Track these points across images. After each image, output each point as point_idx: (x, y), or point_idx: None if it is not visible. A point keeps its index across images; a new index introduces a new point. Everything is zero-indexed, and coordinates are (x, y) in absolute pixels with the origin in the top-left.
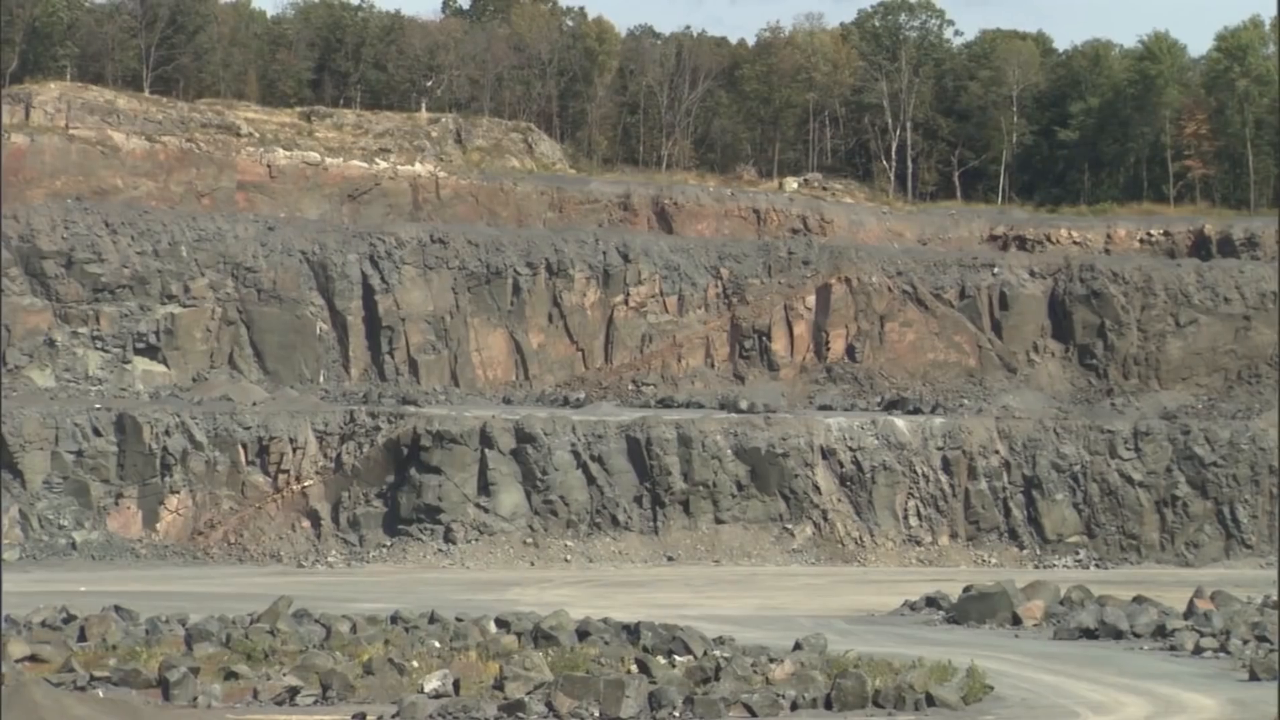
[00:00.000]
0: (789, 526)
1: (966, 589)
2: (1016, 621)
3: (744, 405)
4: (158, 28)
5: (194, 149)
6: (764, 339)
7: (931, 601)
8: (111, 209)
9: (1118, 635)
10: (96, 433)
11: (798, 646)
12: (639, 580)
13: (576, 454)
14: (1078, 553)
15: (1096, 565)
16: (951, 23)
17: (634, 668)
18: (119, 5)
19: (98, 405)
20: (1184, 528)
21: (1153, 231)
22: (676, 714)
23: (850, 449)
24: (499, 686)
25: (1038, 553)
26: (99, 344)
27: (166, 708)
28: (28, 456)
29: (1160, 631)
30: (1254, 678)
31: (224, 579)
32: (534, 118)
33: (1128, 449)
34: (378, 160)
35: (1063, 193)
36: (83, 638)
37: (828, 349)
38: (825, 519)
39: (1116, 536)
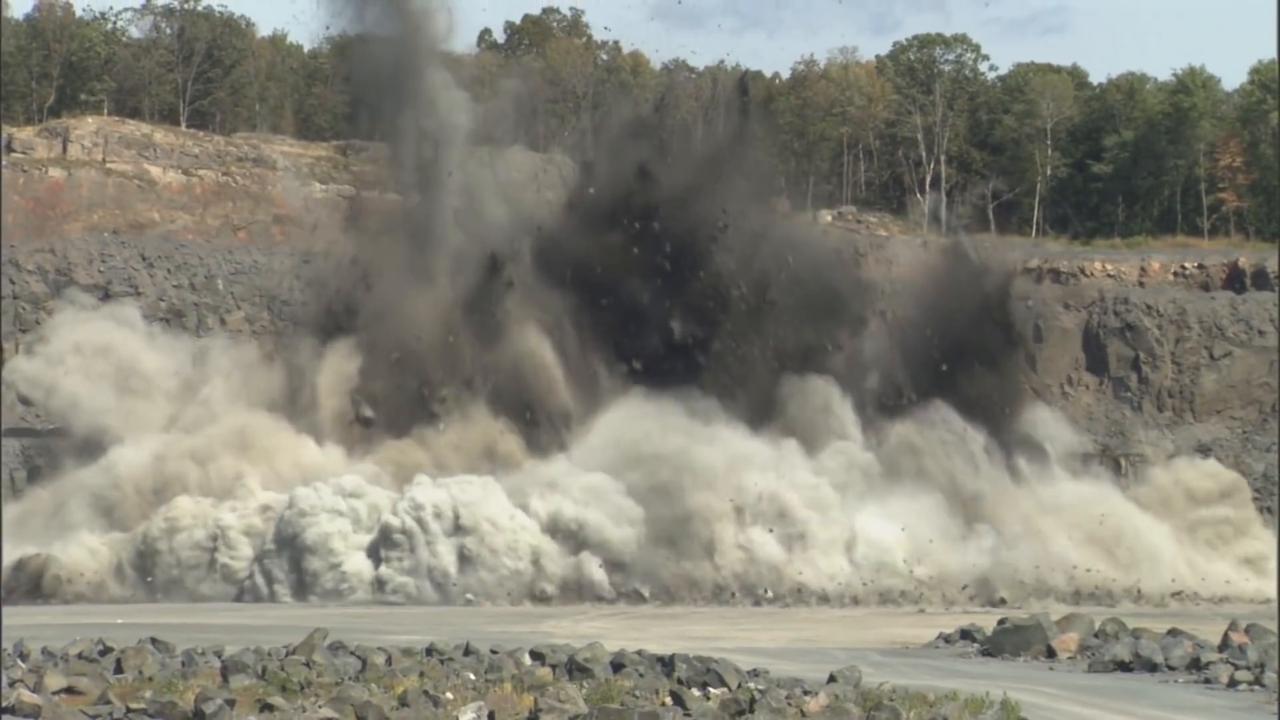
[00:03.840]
0: None
1: (1001, 622)
2: (1051, 654)
3: None
4: (194, 62)
5: (230, 183)
6: None
7: (966, 634)
8: (148, 242)
9: (1152, 668)
10: None
11: (832, 679)
12: (673, 613)
13: None
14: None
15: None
16: (986, 56)
17: (669, 700)
18: (156, 40)
19: None
20: None
21: (1187, 264)
22: None
23: None
24: (534, 718)
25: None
26: None
27: None
28: None
29: (1195, 664)
30: None
31: (260, 611)
32: (568, 151)
33: None
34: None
35: (1097, 225)
36: (119, 670)
37: None
38: None
39: None
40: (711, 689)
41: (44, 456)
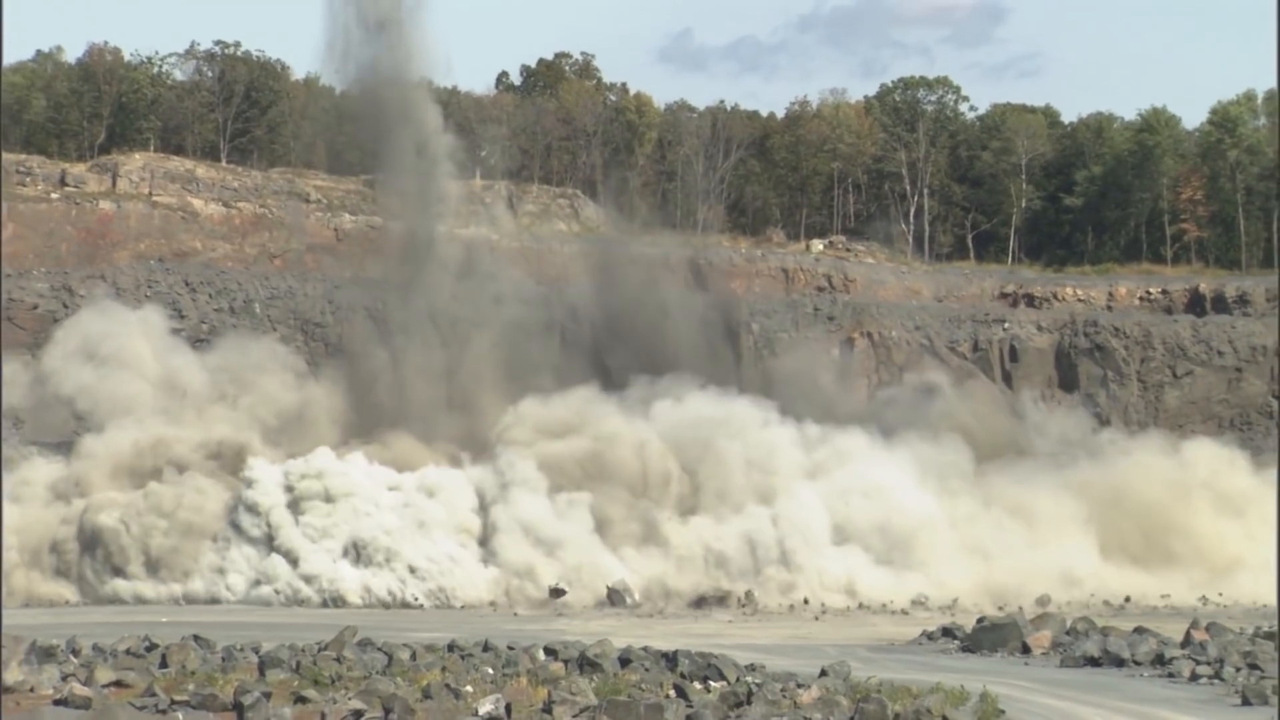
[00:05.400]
0: None
1: (980, 620)
2: (1026, 650)
3: None
4: (234, 103)
5: (267, 214)
6: None
7: (947, 632)
8: (191, 269)
9: (1120, 663)
10: None
11: (823, 673)
12: (676, 611)
13: None
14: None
15: (1105, 602)
16: (966, 98)
17: (672, 693)
18: (198, 82)
19: None
20: None
21: (1151, 290)
22: None
23: None
24: (548, 710)
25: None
26: None
27: None
28: None
29: (1159, 660)
30: (1246, 703)
31: (293, 612)
32: (580, 185)
33: None
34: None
35: (1068, 254)
36: (164, 664)
37: None
38: None
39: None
40: (712, 682)
41: None
